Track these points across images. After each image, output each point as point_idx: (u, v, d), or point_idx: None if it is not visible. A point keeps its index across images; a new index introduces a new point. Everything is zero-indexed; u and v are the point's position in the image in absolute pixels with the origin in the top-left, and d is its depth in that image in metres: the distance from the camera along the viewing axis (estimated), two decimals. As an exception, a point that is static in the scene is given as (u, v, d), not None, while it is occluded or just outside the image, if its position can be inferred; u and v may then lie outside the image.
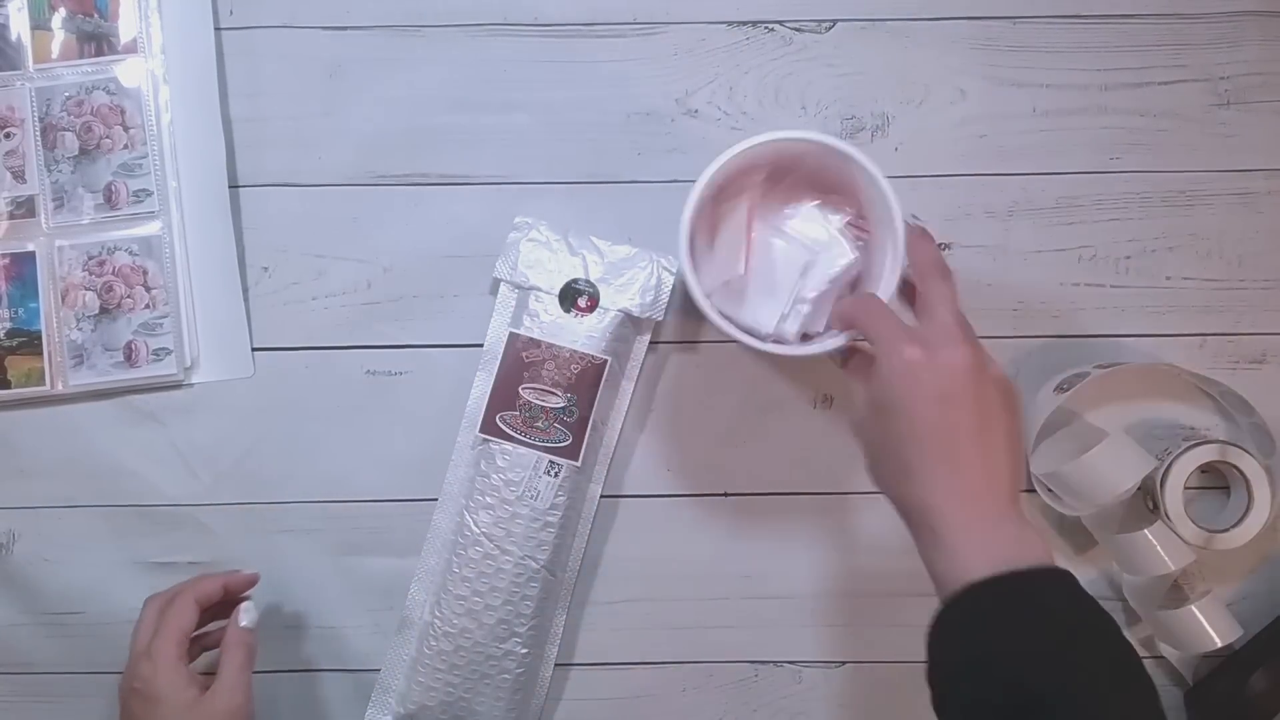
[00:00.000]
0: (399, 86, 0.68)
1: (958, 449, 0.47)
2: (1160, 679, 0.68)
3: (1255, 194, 0.68)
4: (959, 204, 0.68)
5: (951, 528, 0.46)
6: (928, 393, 0.48)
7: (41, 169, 0.66)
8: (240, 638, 0.59)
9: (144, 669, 0.56)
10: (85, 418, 0.67)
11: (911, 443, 0.48)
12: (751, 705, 0.68)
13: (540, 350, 0.64)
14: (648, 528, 0.68)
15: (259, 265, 0.68)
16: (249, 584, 0.63)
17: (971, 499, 0.47)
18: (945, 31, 0.68)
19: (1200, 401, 0.68)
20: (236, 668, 0.58)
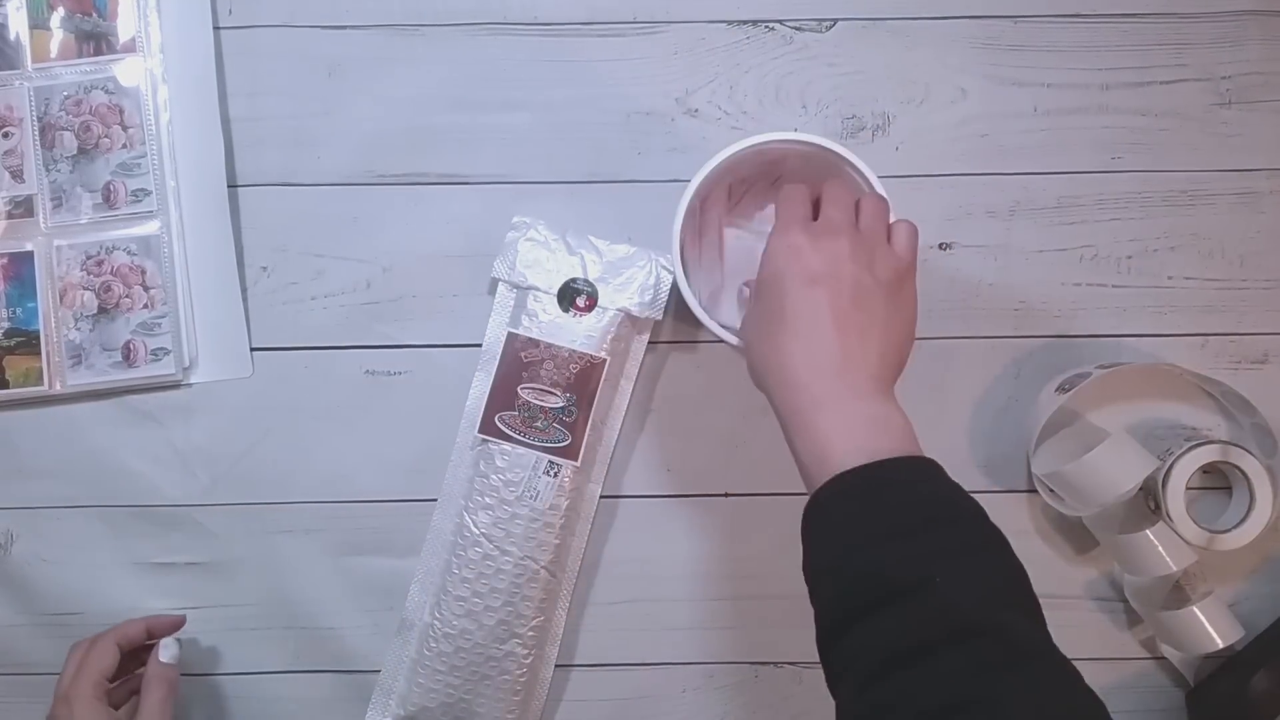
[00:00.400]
0: (398, 86, 0.68)
1: (820, 326, 0.48)
2: (1162, 680, 0.67)
3: (1257, 194, 0.68)
4: (960, 204, 0.68)
5: (813, 404, 0.47)
6: (800, 271, 0.49)
7: (40, 168, 0.66)
8: (160, 673, 0.60)
9: (61, 712, 0.57)
10: (84, 418, 0.67)
11: (778, 320, 0.49)
12: (751, 706, 0.68)
13: (539, 350, 0.63)
14: (648, 528, 0.67)
15: (258, 265, 0.68)
16: (174, 626, 0.63)
17: (832, 375, 0.47)
18: (946, 31, 0.68)
19: (1202, 402, 0.68)
20: (155, 702, 0.59)
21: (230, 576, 0.67)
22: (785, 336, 0.49)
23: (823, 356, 0.48)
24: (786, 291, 0.49)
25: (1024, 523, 0.67)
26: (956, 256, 0.67)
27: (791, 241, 0.50)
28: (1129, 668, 0.67)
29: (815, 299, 0.49)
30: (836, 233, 0.50)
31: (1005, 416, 0.67)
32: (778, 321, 0.49)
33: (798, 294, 0.49)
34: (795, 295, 0.49)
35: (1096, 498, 0.61)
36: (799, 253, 0.49)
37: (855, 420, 0.46)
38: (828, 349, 0.48)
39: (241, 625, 0.67)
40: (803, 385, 0.47)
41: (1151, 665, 0.67)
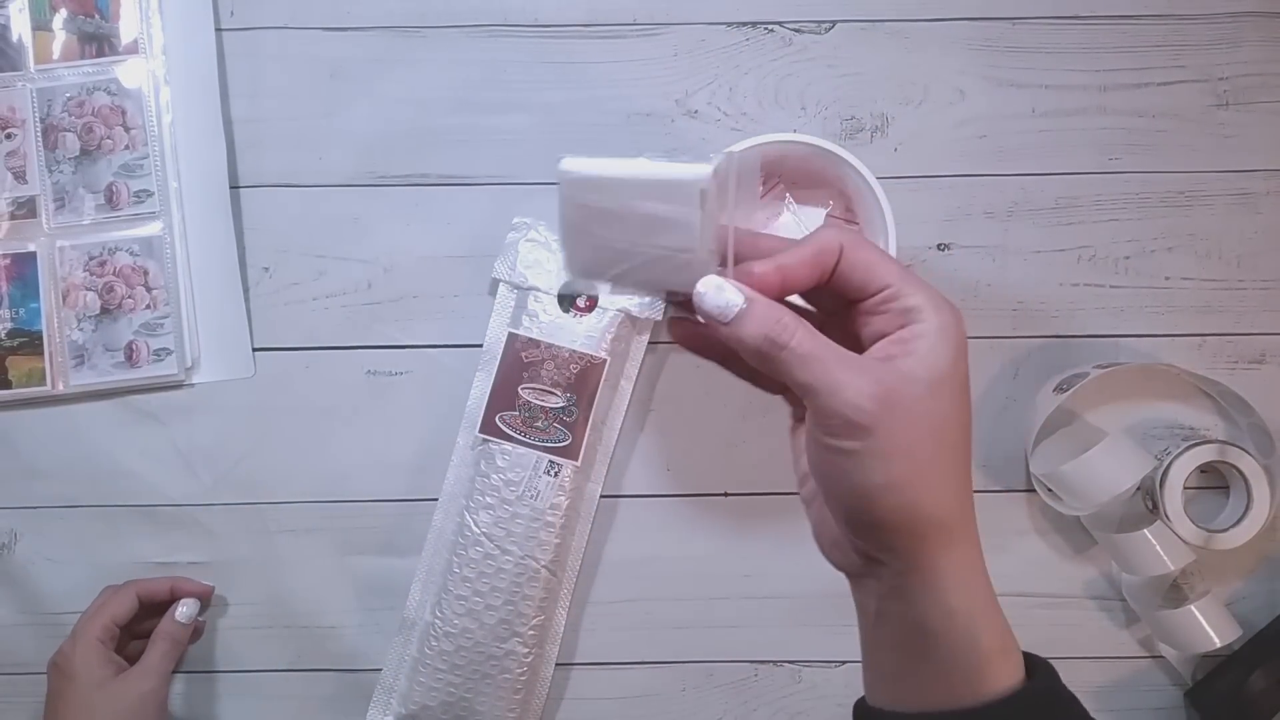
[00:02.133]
0: (399, 87, 0.68)
1: (967, 456, 0.35)
2: (1160, 678, 0.68)
3: (1254, 194, 0.68)
4: (958, 204, 0.68)
5: (959, 571, 0.34)
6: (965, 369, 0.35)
7: (42, 169, 0.66)
8: (169, 629, 0.62)
9: (66, 646, 0.60)
10: (86, 418, 0.67)
11: (956, 435, 0.34)
12: (751, 705, 0.68)
13: (539, 350, 0.64)
14: (648, 527, 0.68)
15: (259, 265, 0.68)
16: (198, 591, 0.65)
17: (972, 529, 0.35)
18: (945, 32, 0.68)
19: (1199, 401, 0.68)
20: (157, 655, 0.61)
21: (232, 576, 0.67)
22: (953, 463, 0.34)
23: (970, 506, 0.35)
24: (964, 401, 0.35)
25: (1022, 522, 0.67)
26: (955, 257, 0.68)
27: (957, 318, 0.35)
28: (1127, 666, 0.68)
29: (967, 417, 0.35)
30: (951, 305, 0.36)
31: (1003, 416, 0.68)
32: (954, 435, 0.34)
33: (966, 403, 0.35)
34: (966, 405, 0.35)
35: (1094, 497, 0.62)
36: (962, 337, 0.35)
37: (988, 594, 0.35)
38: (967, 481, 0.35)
39: (243, 624, 0.67)
40: (953, 535, 0.34)
41: (1149, 664, 0.68)
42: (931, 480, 0.34)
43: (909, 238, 0.66)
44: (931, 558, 0.34)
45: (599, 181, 0.35)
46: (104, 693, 0.59)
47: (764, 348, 0.34)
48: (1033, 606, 0.67)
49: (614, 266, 0.35)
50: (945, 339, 0.34)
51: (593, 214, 0.35)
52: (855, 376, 0.33)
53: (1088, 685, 0.67)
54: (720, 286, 0.34)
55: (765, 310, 0.34)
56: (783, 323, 0.33)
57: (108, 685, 0.59)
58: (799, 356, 0.33)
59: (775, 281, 0.35)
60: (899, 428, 0.33)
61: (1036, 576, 0.67)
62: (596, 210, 0.35)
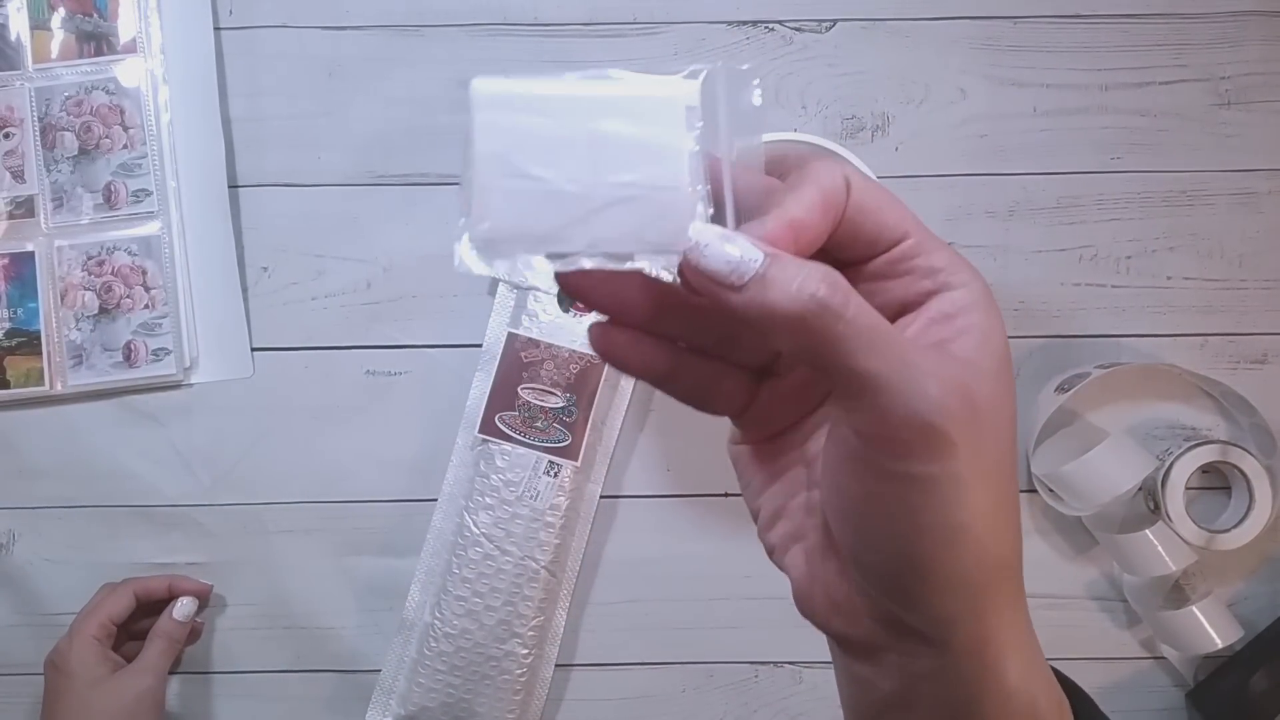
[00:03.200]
0: (398, 86, 0.68)
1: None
2: (1161, 679, 0.67)
3: (1256, 194, 0.68)
4: (959, 204, 0.68)
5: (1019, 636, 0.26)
6: (1010, 378, 0.26)
7: (41, 169, 0.66)
8: (166, 627, 0.62)
9: (63, 644, 0.60)
10: (84, 418, 0.67)
11: (1009, 474, 0.25)
12: (752, 706, 0.68)
13: (539, 350, 0.64)
14: (648, 528, 0.67)
15: (258, 265, 0.68)
16: (196, 590, 0.64)
17: (1018, 582, 0.27)
18: (946, 31, 0.68)
19: (1201, 402, 0.68)
20: (154, 653, 0.61)
21: (230, 576, 0.67)
22: (1012, 508, 0.26)
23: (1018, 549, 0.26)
24: (1010, 419, 0.25)
25: (1024, 523, 0.67)
26: (956, 257, 0.67)
27: (999, 315, 0.26)
28: (1128, 667, 0.67)
29: None
30: None
31: (1005, 416, 0.67)
32: (1009, 476, 0.25)
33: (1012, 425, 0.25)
34: (1015, 428, 0.26)
35: (1096, 498, 0.61)
36: (1004, 340, 0.26)
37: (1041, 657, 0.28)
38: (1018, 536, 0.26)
39: (241, 625, 0.67)
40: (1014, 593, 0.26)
41: (1151, 665, 0.67)
42: (1009, 513, 0.25)
43: (910, 237, 0.66)
44: (993, 625, 0.25)
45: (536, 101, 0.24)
46: (101, 690, 0.59)
47: (810, 318, 0.22)
48: (1034, 607, 0.66)
49: (550, 218, 0.24)
50: (993, 310, 0.25)
51: (524, 144, 0.24)
52: (938, 367, 0.23)
53: (1089, 686, 0.66)
54: (726, 236, 0.24)
55: (801, 267, 0.23)
56: (832, 282, 0.23)
57: (104, 683, 0.59)
58: (862, 332, 0.23)
59: (789, 244, 0.24)
60: (984, 442, 0.23)
61: (1038, 577, 0.67)
62: (532, 139, 0.24)
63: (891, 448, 0.23)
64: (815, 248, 0.25)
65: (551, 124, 0.24)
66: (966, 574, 0.24)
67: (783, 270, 0.23)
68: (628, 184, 0.24)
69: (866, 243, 0.25)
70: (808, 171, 0.25)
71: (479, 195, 0.24)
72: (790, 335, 0.23)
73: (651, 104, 0.24)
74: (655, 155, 0.24)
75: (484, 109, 0.24)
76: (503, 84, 0.24)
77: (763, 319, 0.23)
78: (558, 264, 0.25)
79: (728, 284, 0.23)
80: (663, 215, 0.24)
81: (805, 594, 0.29)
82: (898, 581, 0.25)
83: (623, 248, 0.25)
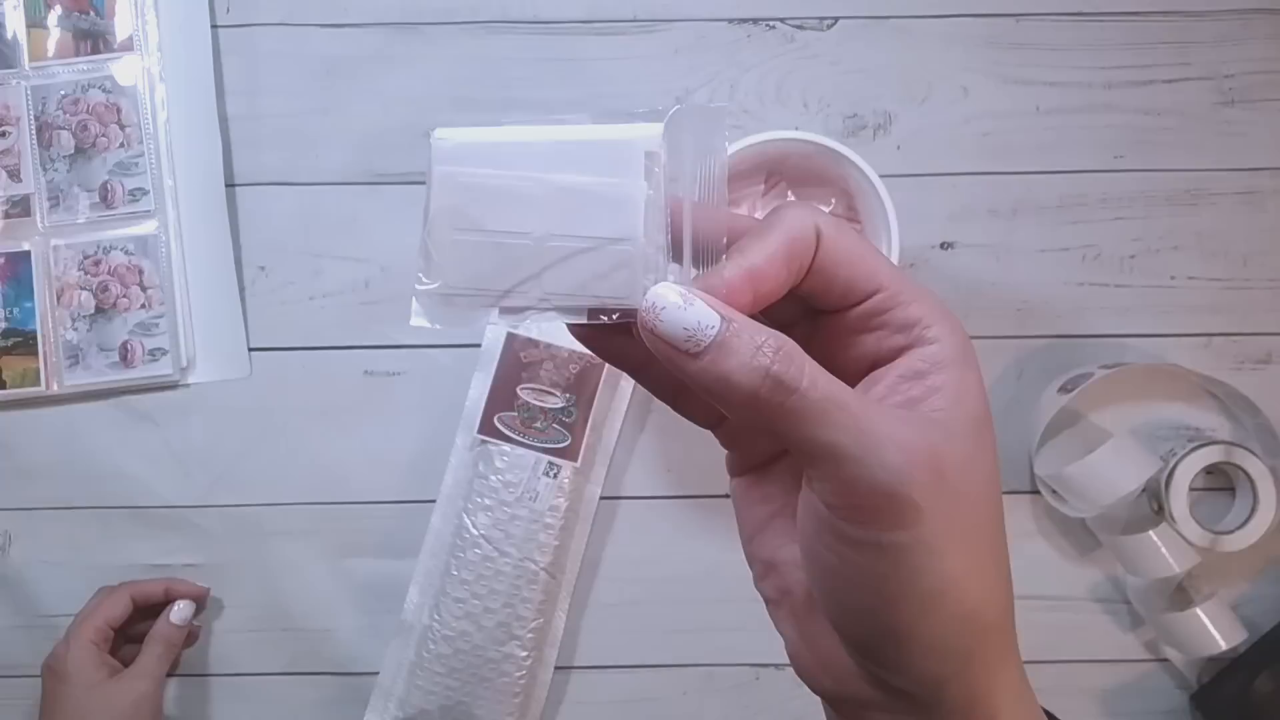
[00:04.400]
0: (397, 84, 0.67)
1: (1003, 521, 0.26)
2: (1165, 681, 0.67)
3: (1261, 193, 0.67)
4: (962, 203, 0.67)
5: (1011, 693, 0.25)
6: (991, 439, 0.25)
7: (37, 168, 0.66)
8: (164, 631, 0.62)
9: (59, 648, 0.60)
10: (81, 418, 0.66)
11: (999, 499, 0.25)
12: (752, 709, 0.67)
13: (538, 350, 0.63)
14: (648, 529, 0.67)
15: (256, 264, 0.67)
16: (193, 593, 0.64)
17: (1014, 622, 0.26)
18: (948, 29, 0.67)
19: (1205, 402, 0.67)
20: (152, 657, 0.60)
21: (227, 578, 0.67)
22: (1003, 533, 0.25)
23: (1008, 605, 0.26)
24: (987, 477, 0.25)
25: (1027, 524, 0.67)
26: (958, 256, 0.67)
27: (979, 379, 0.25)
28: (1132, 670, 0.67)
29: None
30: None
31: (1007, 417, 0.67)
32: (999, 495, 0.25)
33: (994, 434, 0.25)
34: (994, 437, 0.25)
35: (1099, 499, 0.61)
36: (983, 401, 0.25)
37: (1037, 710, 0.27)
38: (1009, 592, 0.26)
39: (238, 627, 0.67)
40: (1005, 649, 0.25)
41: (1155, 667, 0.67)
42: (989, 573, 0.24)
43: (912, 236, 0.66)
44: (982, 685, 0.24)
45: (489, 148, 0.24)
46: (98, 695, 0.58)
47: (762, 392, 0.22)
48: (1037, 610, 0.66)
49: (509, 274, 0.24)
50: (969, 365, 0.24)
51: (480, 197, 0.24)
52: (899, 432, 0.23)
53: (1092, 689, 0.67)
54: (685, 299, 0.23)
55: (756, 335, 0.23)
56: (786, 353, 0.22)
57: (101, 687, 0.59)
58: (816, 404, 0.22)
59: (746, 293, 0.23)
60: (955, 505, 0.23)
61: (1041, 579, 0.67)
62: (487, 191, 0.24)
63: (856, 516, 0.23)
64: (776, 297, 0.24)
65: (507, 175, 0.24)
66: (947, 638, 0.24)
67: (738, 339, 0.22)
68: (583, 236, 0.23)
69: (839, 294, 0.25)
70: (777, 217, 0.24)
71: (433, 250, 0.25)
72: (745, 408, 0.23)
73: (609, 150, 0.23)
74: (611, 205, 0.23)
75: (442, 162, 0.24)
76: (462, 134, 0.24)
77: (716, 389, 0.23)
78: (510, 319, 0.25)
79: (683, 350, 0.23)
80: (618, 268, 0.23)
81: (797, 654, 0.28)
82: (879, 647, 0.24)
83: (577, 302, 0.24)
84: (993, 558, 0.24)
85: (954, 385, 0.24)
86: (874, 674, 0.25)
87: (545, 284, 0.23)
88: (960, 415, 0.24)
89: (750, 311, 0.24)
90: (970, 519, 0.23)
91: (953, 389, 0.24)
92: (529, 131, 0.24)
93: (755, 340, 0.22)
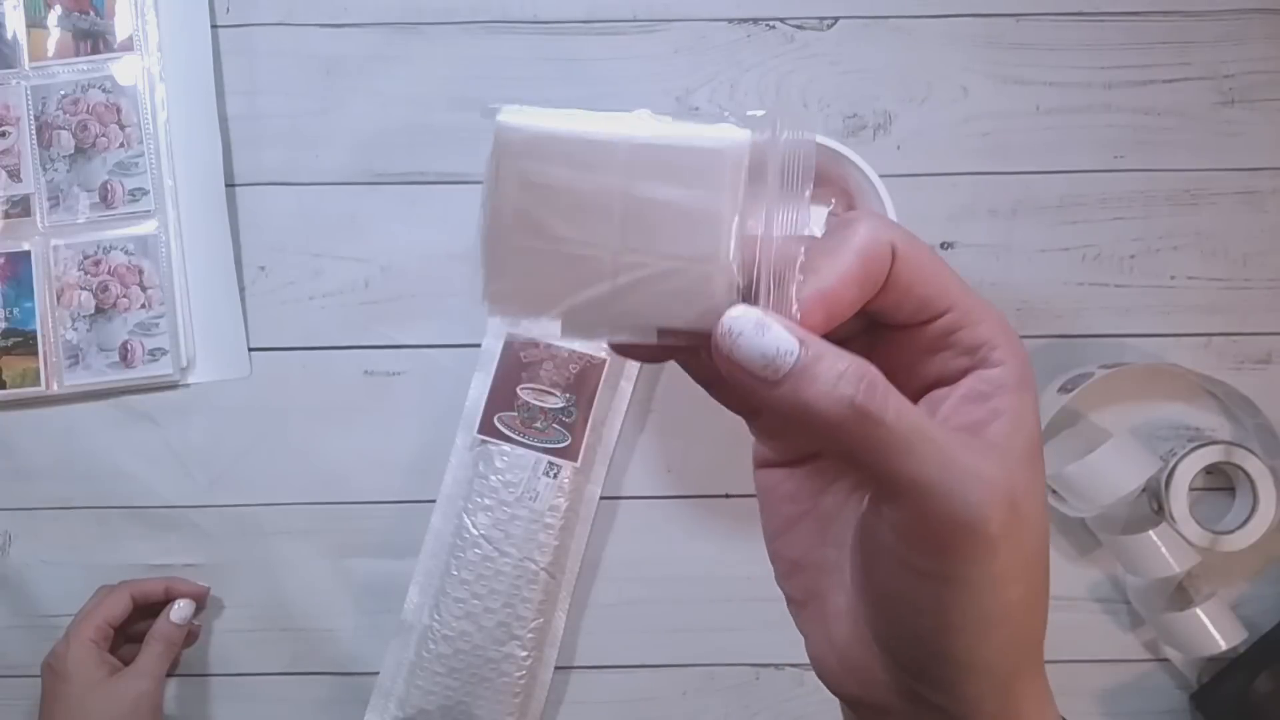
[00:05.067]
0: (396, 84, 0.67)
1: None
2: (1165, 681, 0.67)
3: (1261, 193, 0.67)
4: (962, 203, 0.67)
5: (1039, 707, 0.26)
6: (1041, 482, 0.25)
7: (37, 168, 0.66)
8: (164, 630, 0.62)
9: (59, 647, 0.60)
10: (80, 418, 0.66)
11: (1046, 550, 0.25)
12: (753, 709, 0.67)
13: (538, 350, 0.63)
14: (648, 529, 0.67)
15: (256, 264, 0.67)
16: (193, 592, 0.64)
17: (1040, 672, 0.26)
18: (948, 29, 0.67)
19: (1205, 402, 0.67)
20: (152, 656, 0.60)
21: (227, 578, 0.67)
22: (1044, 593, 0.25)
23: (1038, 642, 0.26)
24: (1043, 505, 0.25)
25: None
26: (958, 256, 0.67)
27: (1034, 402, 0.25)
28: (1132, 670, 0.67)
29: None
30: None
31: (1007, 417, 0.67)
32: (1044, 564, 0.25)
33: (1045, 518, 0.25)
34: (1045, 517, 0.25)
35: (1099, 499, 0.61)
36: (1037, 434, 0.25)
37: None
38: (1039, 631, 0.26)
39: (239, 627, 0.67)
40: (1038, 666, 0.26)
41: (1154, 667, 0.67)
42: (1043, 599, 0.24)
43: (912, 236, 0.66)
44: (1016, 701, 0.25)
45: (564, 144, 0.22)
46: (98, 693, 0.58)
47: (848, 424, 0.22)
48: (1037, 609, 0.66)
49: (576, 290, 0.22)
50: (1028, 389, 0.24)
51: (548, 200, 0.22)
52: (980, 466, 0.22)
53: (1092, 689, 0.67)
54: (763, 324, 0.22)
55: (837, 363, 0.22)
56: (870, 382, 0.22)
57: (101, 686, 0.59)
58: (902, 437, 0.22)
59: (819, 314, 0.23)
60: (1022, 537, 0.23)
61: (1040, 579, 0.67)
62: (555, 194, 0.22)
63: (928, 547, 0.23)
64: (847, 317, 0.24)
65: (581, 178, 0.21)
66: (994, 662, 0.24)
67: (818, 367, 0.22)
68: (661, 254, 0.21)
69: (910, 312, 0.24)
70: (852, 231, 0.23)
71: (494, 252, 0.22)
72: (827, 437, 0.22)
73: (694, 160, 0.22)
74: (694, 222, 0.21)
75: (509, 156, 0.22)
76: (532, 122, 0.21)
77: (796, 417, 0.22)
78: (574, 336, 0.23)
79: (761, 378, 0.22)
80: (697, 291, 0.22)
81: (821, 656, 0.27)
82: (927, 668, 0.24)
83: (648, 321, 0.22)
84: (1045, 583, 0.24)
85: (1015, 410, 0.24)
86: (910, 688, 0.25)
87: (616, 302, 0.22)
88: (1021, 440, 0.23)
89: (822, 333, 0.23)
90: (1032, 548, 0.23)
91: (1014, 413, 0.24)
92: (604, 123, 0.22)
93: (837, 368, 0.22)
